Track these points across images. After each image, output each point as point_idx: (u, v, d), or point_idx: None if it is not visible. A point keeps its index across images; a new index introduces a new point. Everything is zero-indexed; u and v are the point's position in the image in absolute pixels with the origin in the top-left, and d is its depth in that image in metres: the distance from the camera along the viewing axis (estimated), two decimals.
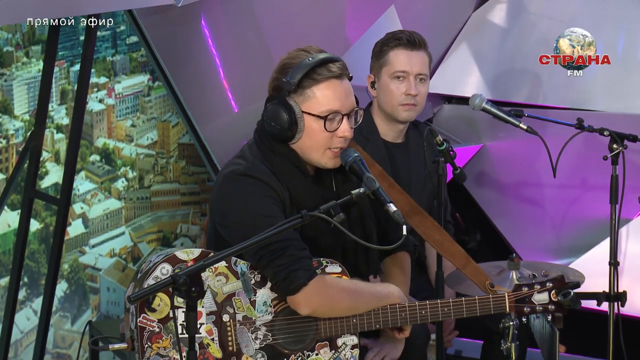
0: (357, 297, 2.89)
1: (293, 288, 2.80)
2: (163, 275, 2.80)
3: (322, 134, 2.91)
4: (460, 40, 4.85)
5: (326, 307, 2.86)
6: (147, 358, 2.79)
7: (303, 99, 2.90)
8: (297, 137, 2.92)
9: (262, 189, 2.88)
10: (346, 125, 2.92)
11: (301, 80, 2.88)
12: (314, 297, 2.82)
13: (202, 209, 4.89)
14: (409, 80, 3.69)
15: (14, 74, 4.16)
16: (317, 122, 2.90)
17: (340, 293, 2.87)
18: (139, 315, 2.79)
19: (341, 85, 2.91)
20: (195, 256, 2.85)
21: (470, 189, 4.84)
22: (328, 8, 4.47)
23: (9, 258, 4.16)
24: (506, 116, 3.69)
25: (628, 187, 3.81)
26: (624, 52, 4.50)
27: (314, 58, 2.89)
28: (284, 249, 2.80)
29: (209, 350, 2.84)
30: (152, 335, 2.80)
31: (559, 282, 2.94)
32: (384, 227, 3.14)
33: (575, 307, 2.91)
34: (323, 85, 2.89)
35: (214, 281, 2.85)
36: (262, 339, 2.87)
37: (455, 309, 2.94)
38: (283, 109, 2.89)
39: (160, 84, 4.52)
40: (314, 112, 2.90)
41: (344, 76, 2.93)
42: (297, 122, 2.90)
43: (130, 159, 4.60)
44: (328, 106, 2.89)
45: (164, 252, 2.91)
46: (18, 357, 4.28)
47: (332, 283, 2.87)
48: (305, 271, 2.80)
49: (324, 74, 2.89)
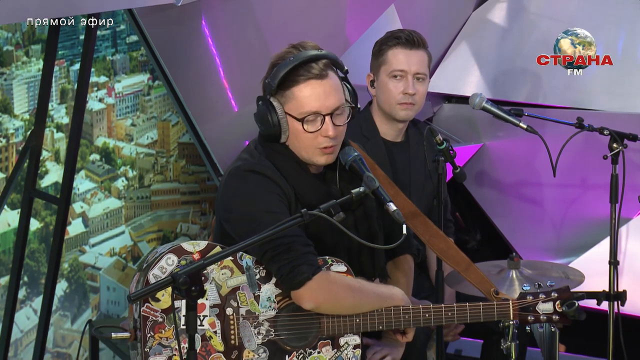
0: (360, 296, 2.89)
1: (297, 282, 2.80)
2: (169, 265, 2.81)
3: (304, 134, 2.90)
4: (460, 39, 4.85)
5: (329, 303, 2.86)
6: (149, 347, 2.80)
7: (285, 100, 2.90)
8: (284, 137, 2.92)
9: (267, 185, 2.89)
10: (328, 125, 2.89)
11: (282, 80, 2.87)
12: (318, 291, 2.82)
13: (202, 208, 4.89)
14: (406, 80, 3.69)
15: (13, 73, 4.15)
16: (298, 123, 2.90)
17: (344, 290, 2.87)
18: (143, 305, 2.80)
19: (320, 86, 2.88)
20: (202, 248, 2.86)
21: (470, 189, 4.84)
22: (328, 8, 4.47)
23: (9, 257, 4.16)
24: (506, 115, 3.69)
25: (628, 187, 3.81)
26: (624, 52, 4.50)
27: (296, 57, 2.87)
28: (288, 244, 2.80)
29: (211, 343, 2.84)
30: (155, 325, 2.81)
31: (565, 292, 2.94)
32: (388, 229, 3.14)
33: (580, 318, 2.91)
34: (302, 86, 2.88)
35: (219, 274, 2.85)
36: (265, 334, 2.88)
37: (459, 314, 2.94)
38: (267, 110, 2.89)
39: (160, 83, 4.52)
40: (293, 113, 2.89)
41: (326, 75, 2.89)
42: (280, 123, 2.90)
43: (130, 158, 4.60)
44: (307, 107, 2.88)
45: (171, 243, 2.92)
46: (18, 356, 4.28)
47: (336, 279, 2.87)
48: (309, 266, 2.81)
49: (304, 74, 2.87)
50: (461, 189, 4.81)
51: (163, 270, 2.81)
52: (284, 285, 2.85)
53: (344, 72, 2.95)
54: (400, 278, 3.22)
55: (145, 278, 2.81)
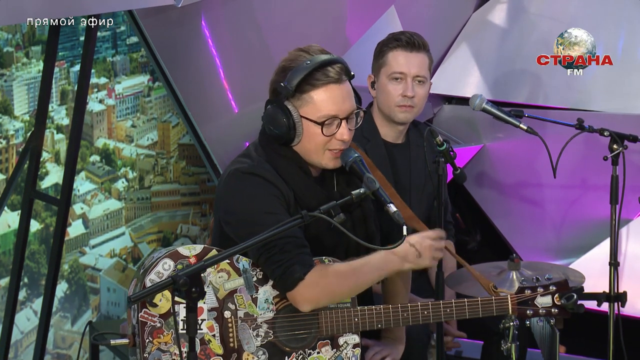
0: (355, 278, 2.87)
1: (290, 283, 2.81)
2: (165, 270, 2.81)
3: (320, 138, 2.90)
4: (461, 40, 4.85)
5: (327, 297, 2.87)
6: (148, 353, 2.80)
7: (301, 103, 2.89)
8: (297, 140, 2.92)
9: (267, 187, 2.89)
10: (344, 129, 2.91)
11: (299, 84, 2.87)
12: (312, 290, 2.82)
13: (202, 209, 4.89)
14: (406, 82, 3.69)
15: (14, 74, 4.16)
16: (315, 126, 2.89)
17: (337, 279, 2.86)
18: (141, 310, 2.80)
19: (339, 90, 2.90)
20: (198, 252, 2.86)
21: (470, 190, 4.84)
22: (328, 8, 4.47)
23: (9, 258, 4.16)
24: (506, 116, 3.69)
25: (628, 188, 3.81)
26: (624, 52, 4.50)
27: (312, 61, 2.87)
28: (282, 246, 2.80)
29: (210, 347, 2.84)
30: (154, 330, 2.81)
31: (563, 285, 2.93)
32: (385, 230, 3.14)
33: (579, 310, 2.90)
34: (321, 91, 2.88)
35: (216, 277, 2.85)
36: (264, 336, 2.88)
37: (457, 310, 2.94)
38: (281, 113, 2.89)
39: (161, 84, 4.52)
40: (311, 117, 2.89)
41: (343, 79, 2.91)
42: (295, 126, 2.90)
43: (130, 160, 4.60)
44: (325, 111, 2.89)
45: (167, 249, 2.91)
46: (18, 357, 4.28)
47: (329, 271, 2.86)
48: (301, 266, 2.81)
49: (322, 79, 2.87)
50: (461, 190, 4.81)
51: (160, 275, 2.81)
52: (279, 287, 2.85)
53: (351, 77, 2.97)
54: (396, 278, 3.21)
55: (142, 284, 2.81)
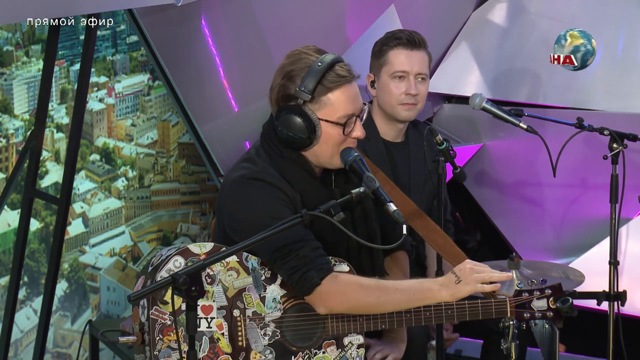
0: (380, 292, 2.86)
1: (307, 288, 2.82)
2: (176, 267, 2.82)
3: (339, 138, 2.92)
4: (460, 39, 4.85)
5: (343, 305, 2.86)
6: (158, 350, 2.80)
7: (319, 106, 2.90)
8: (315, 144, 2.93)
9: (273, 191, 2.89)
10: (359, 126, 2.94)
11: (315, 88, 2.88)
12: (328, 295, 2.82)
13: (202, 208, 4.90)
14: (408, 80, 3.69)
15: (14, 73, 4.16)
16: (335, 128, 2.91)
17: (355, 289, 2.86)
18: (151, 307, 2.80)
19: (353, 88, 2.93)
20: (208, 250, 2.87)
21: (470, 189, 4.84)
22: (328, 8, 4.47)
23: (9, 257, 4.16)
24: (506, 115, 3.69)
25: (628, 187, 3.81)
26: (624, 52, 4.50)
27: (323, 63, 2.88)
28: (297, 251, 2.81)
29: (219, 345, 2.85)
30: (164, 327, 2.81)
31: (557, 289, 2.97)
32: (385, 228, 3.15)
33: (573, 314, 2.94)
34: (338, 92, 2.90)
35: (225, 276, 2.86)
36: (271, 335, 2.88)
37: (458, 312, 2.95)
38: (300, 118, 2.89)
39: (160, 83, 4.52)
40: (331, 119, 2.90)
41: (353, 77, 2.93)
42: (315, 130, 2.90)
43: (130, 159, 4.60)
44: (344, 111, 2.91)
45: (175, 246, 2.91)
46: (18, 356, 4.28)
47: (348, 280, 2.87)
48: (317, 271, 2.82)
49: (337, 80, 2.89)
50: (461, 189, 4.81)
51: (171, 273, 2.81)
52: (297, 292, 2.86)
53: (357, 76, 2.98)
54: (396, 274, 3.24)
55: (153, 280, 2.81)
